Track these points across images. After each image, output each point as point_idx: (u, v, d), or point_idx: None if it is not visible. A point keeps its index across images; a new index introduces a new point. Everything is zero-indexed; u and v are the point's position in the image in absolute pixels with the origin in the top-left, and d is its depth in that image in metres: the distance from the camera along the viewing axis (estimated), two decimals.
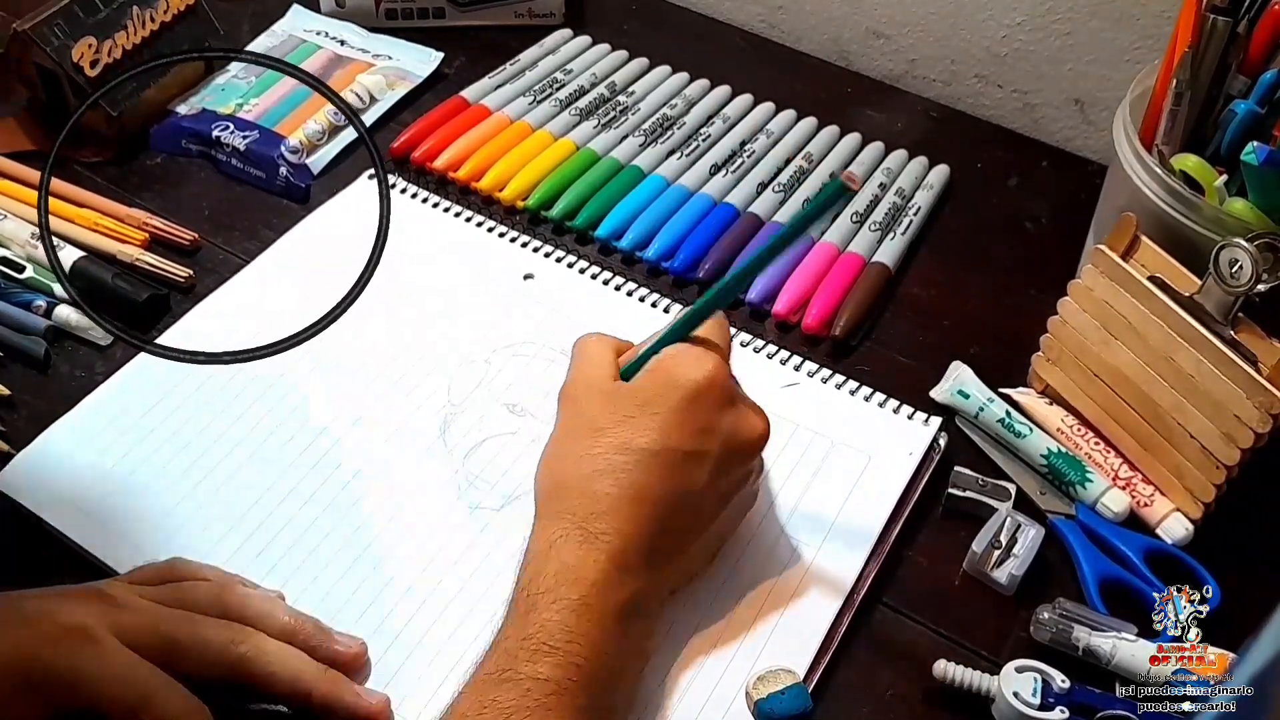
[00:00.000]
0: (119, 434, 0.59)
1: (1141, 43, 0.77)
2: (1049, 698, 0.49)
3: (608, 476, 0.47)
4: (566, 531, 0.46)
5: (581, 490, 0.47)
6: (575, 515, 0.47)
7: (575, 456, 0.48)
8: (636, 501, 0.47)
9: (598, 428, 0.48)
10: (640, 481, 0.47)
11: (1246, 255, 0.51)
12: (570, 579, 0.45)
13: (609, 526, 0.46)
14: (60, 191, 0.71)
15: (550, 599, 0.45)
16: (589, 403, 0.50)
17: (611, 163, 0.76)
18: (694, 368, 0.49)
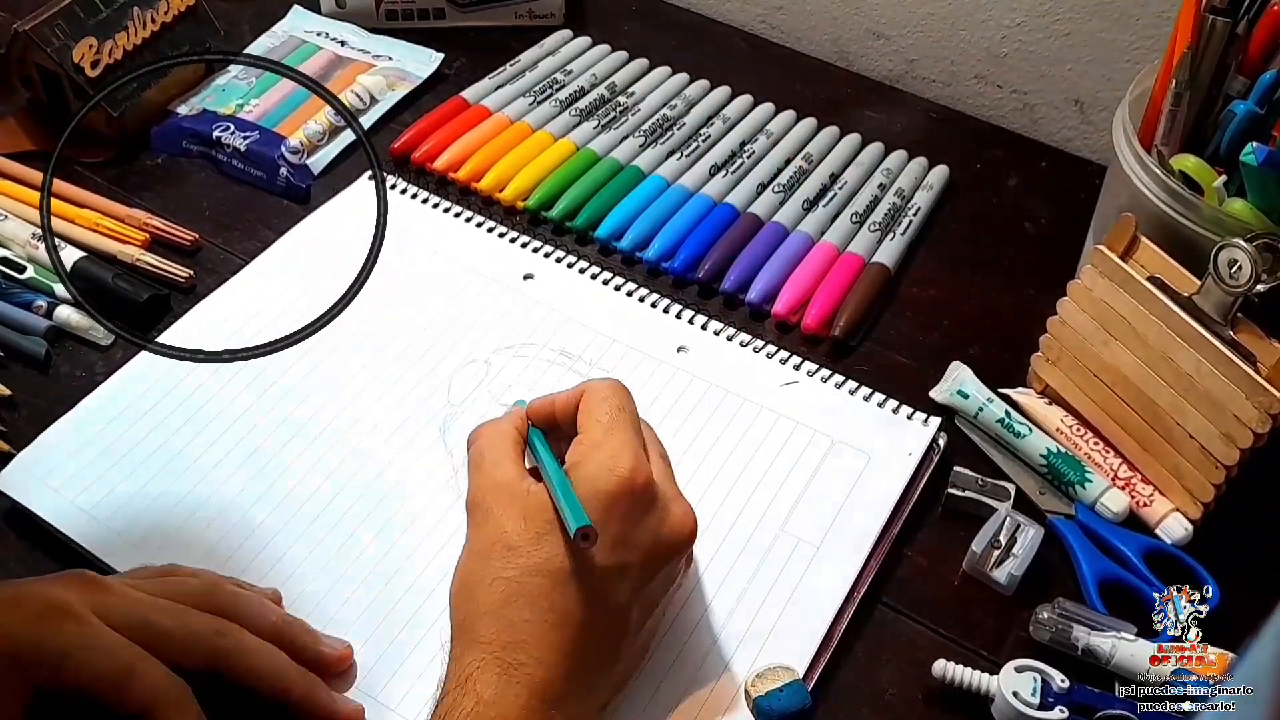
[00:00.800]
0: (119, 434, 0.59)
1: (1141, 43, 0.77)
2: (1048, 697, 0.49)
3: (524, 601, 0.44)
4: (483, 663, 0.43)
5: (496, 617, 0.44)
6: (492, 645, 0.43)
7: (489, 580, 0.44)
8: (558, 627, 0.44)
9: (510, 546, 0.45)
10: (559, 605, 0.44)
11: (1245, 255, 0.51)
12: (488, 716, 0.42)
13: (529, 656, 0.43)
14: (61, 192, 0.71)
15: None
16: (500, 514, 0.46)
17: (611, 163, 0.76)
18: (606, 476, 0.45)
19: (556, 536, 0.45)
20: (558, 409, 0.50)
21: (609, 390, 0.49)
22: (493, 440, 0.49)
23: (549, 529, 0.45)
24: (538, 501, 0.46)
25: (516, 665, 0.43)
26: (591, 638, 0.45)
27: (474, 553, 0.46)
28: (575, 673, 0.44)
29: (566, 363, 0.64)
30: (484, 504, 0.47)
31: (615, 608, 0.46)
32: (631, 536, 0.46)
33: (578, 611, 0.44)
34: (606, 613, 0.45)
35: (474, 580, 0.45)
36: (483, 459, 0.48)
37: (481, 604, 0.44)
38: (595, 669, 0.46)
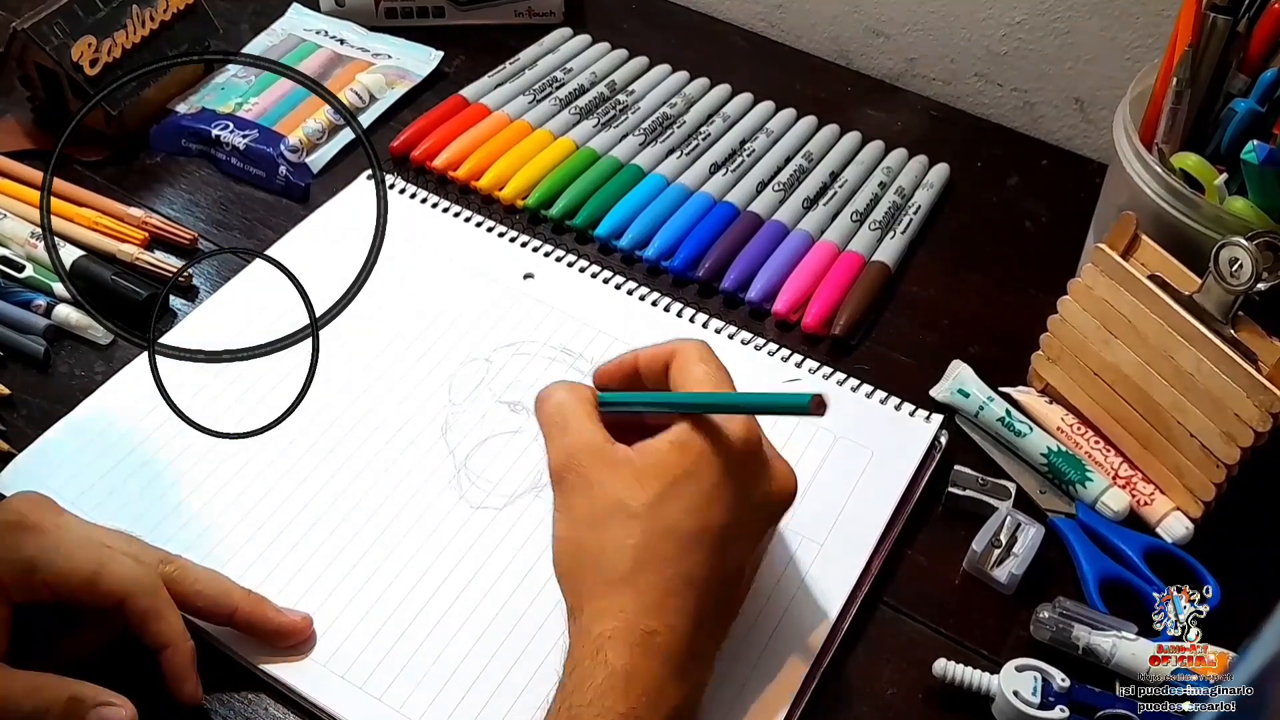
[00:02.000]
0: (120, 434, 0.59)
1: (1141, 41, 0.77)
2: (1049, 697, 0.49)
3: (653, 566, 0.43)
4: (615, 632, 0.42)
5: (626, 584, 0.43)
6: (624, 613, 0.43)
7: (612, 547, 0.44)
8: (684, 591, 0.43)
9: (627, 511, 0.44)
10: (688, 569, 0.43)
11: (1246, 254, 0.51)
12: (619, 689, 0.41)
13: (660, 623, 0.43)
14: (60, 191, 0.71)
15: (594, 711, 0.41)
16: (603, 478, 0.45)
17: (611, 162, 0.76)
18: (727, 435, 0.45)
19: (676, 499, 0.44)
20: (642, 365, 0.49)
21: (705, 351, 0.48)
22: (569, 403, 0.48)
23: (668, 492, 0.44)
24: (646, 464, 0.45)
25: (649, 633, 0.42)
26: (715, 599, 0.45)
27: (581, 520, 0.45)
28: (701, 636, 0.44)
29: (568, 360, 0.63)
30: (579, 469, 0.45)
31: (735, 567, 0.46)
32: (749, 496, 0.45)
33: (704, 573, 0.44)
34: (728, 572, 0.45)
35: (593, 549, 0.44)
36: (566, 421, 0.47)
37: (608, 572, 0.43)
38: (716, 629, 0.46)
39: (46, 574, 0.46)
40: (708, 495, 0.44)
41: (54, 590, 0.46)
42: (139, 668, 0.48)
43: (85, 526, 0.50)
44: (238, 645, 0.51)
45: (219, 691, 0.50)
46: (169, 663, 0.47)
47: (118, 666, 0.48)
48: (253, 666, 0.51)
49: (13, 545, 0.46)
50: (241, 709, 0.50)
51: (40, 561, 0.46)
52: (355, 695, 0.50)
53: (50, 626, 0.48)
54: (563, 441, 0.47)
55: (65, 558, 0.47)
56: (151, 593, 0.47)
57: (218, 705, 0.50)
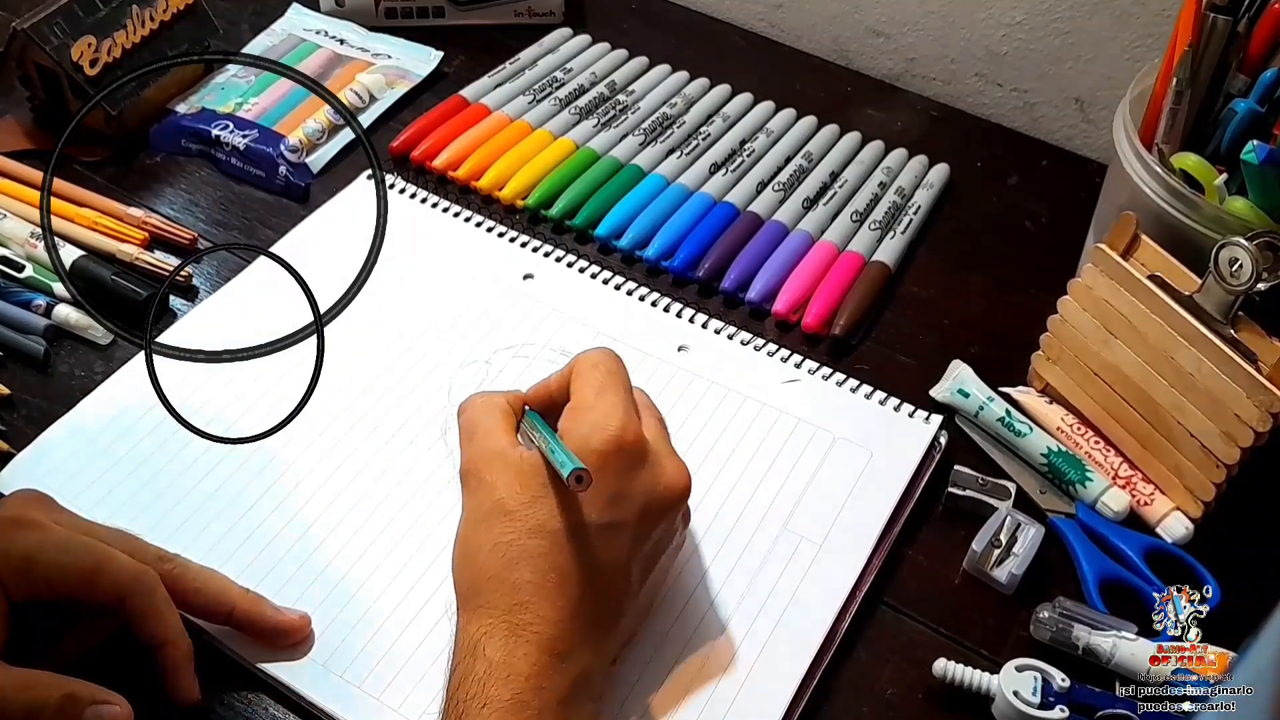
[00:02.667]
0: (119, 434, 0.59)
1: (1141, 41, 0.77)
2: (1049, 697, 0.49)
3: (525, 563, 0.44)
4: (490, 628, 0.44)
5: (500, 581, 0.44)
6: (497, 609, 0.44)
7: (488, 546, 0.45)
8: (560, 585, 0.44)
9: (506, 510, 0.45)
10: (560, 563, 0.45)
11: (1246, 254, 0.51)
12: (501, 677, 0.42)
13: (534, 615, 0.44)
14: (60, 191, 0.71)
15: (478, 704, 0.42)
16: (493, 480, 0.46)
17: (611, 162, 0.76)
18: (594, 434, 0.46)
19: (552, 498, 0.45)
20: (553, 387, 0.51)
21: (599, 357, 0.50)
22: (483, 410, 0.49)
23: (544, 491, 0.45)
24: (530, 465, 0.46)
25: (523, 625, 0.44)
26: (594, 594, 0.45)
27: (470, 521, 0.47)
28: (581, 628, 0.45)
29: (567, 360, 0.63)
30: (476, 472, 0.47)
31: (615, 564, 0.46)
32: (626, 492, 0.46)
33: (578, 569, 0.45)
34: (607, 569, 0.46)
35: (473, 548, 0.46)
36: (475, 428, 0.49)
37: (483, 570, 0.45)
38: (601, 624, 0.46)
39: (44, 570, 0.46)
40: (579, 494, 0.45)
41: (52, 587, 0.46)
42: (137, 666, 0.48)
43: (83, 524, 0.50)
44: (236, 644, 0.51)
45: (218, 691, 0.50)
46: (166, 661, 0.47)
47: (116, 664, 0.48)
48: (251, 666, 0.51)
49: (11, 541, 0.46)
50: (241, 708, 0.50)
51: (38, 558, 0.46)
52: (354, 694, 0.50)
53: (48, 624, 0.48)
54: (469, 448, 0.49)
55: (63, 554, 0.47)
56: (149, 591, 0.47)
57: (217, 705, 0.50)
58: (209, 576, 0.51)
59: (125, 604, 0.47)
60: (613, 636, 0.48)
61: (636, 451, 0.47)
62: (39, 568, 0.46)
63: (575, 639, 0.45)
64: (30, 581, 0.46)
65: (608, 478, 0.46)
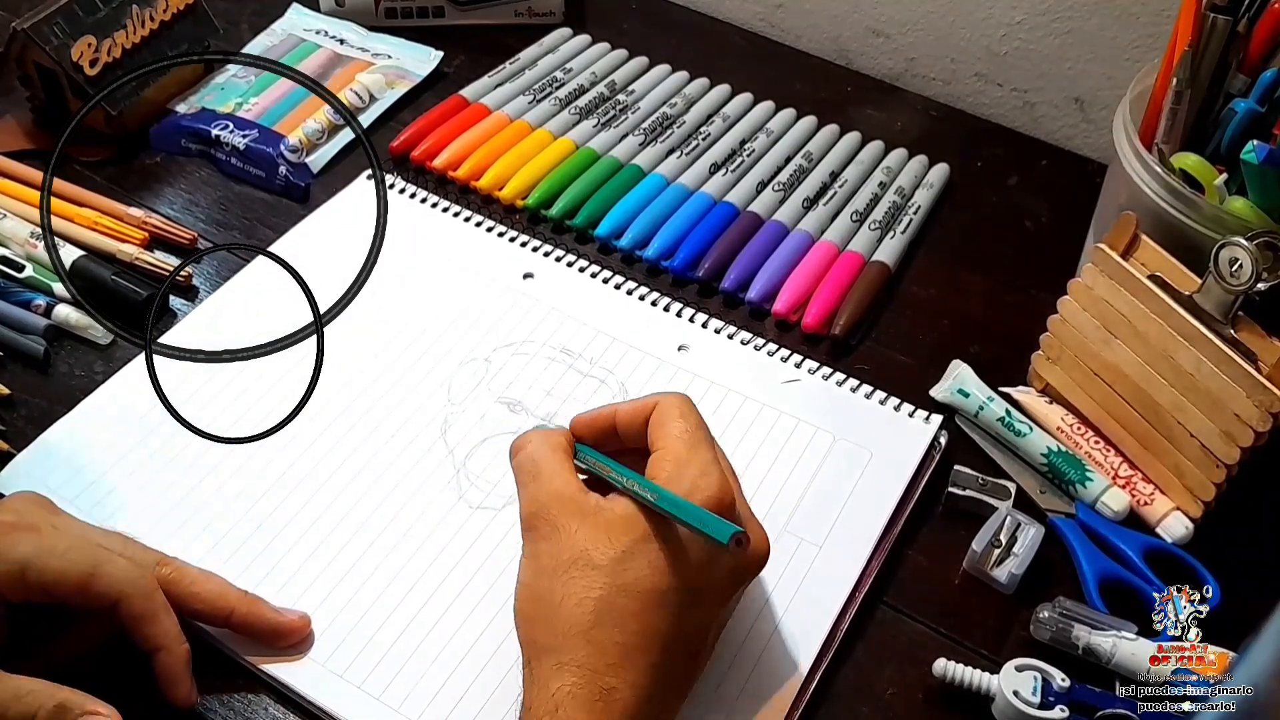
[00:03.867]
0: (119, 434, 0.59)
1: (1141, 41, 0.77)
2: (1049, 696, 0.49)
3: (613, 623, 0.42)
4: (574, 688, 0.42)
5: (587, 639, 0.42)
6: (583, 669, 0.42)
7: (573, 600, 0.43)
8: (647, 649, 0.43)
9: (594, 564, 0.43)
10: (650, 626, 0.43)
11: (1246, 254, 0.51)
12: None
13: (620, 681, 0.42)
14: (60, 191, 0.71)
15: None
16: (571, 529, 0.44)
17: (611, 161, 0.76)
18: (696, 493, 0.44)
19: (643, 555, 0.43)
20: (621, 421, 0.49)
21: (685, 406, 0.48)
22: (544, 451, 0.48)
23: (635, 548, 0.43)
24: (616, 517, 0.44)
25: (608, 690, 0.42)
26: (675, 659, 0.44)
27: (545, 570, 0.44)
28: (661, 693, 0.44)
29: (567, 360, 0.63)
30: (549, 517, 0.45)
31: (697, 629, 0.45)
32: (718, 556, 0.45)
33: (666, 633, 0.43)
34: (690, 634, 0.45)
35: (553, 599, 0.44)
36: (539, 470, 0.47)
37: (567, 624, 0.43)
38: (676, 689, 0.46)
39: (40, 574, 0.46)
40: (674, 554, 0.44)
41: (48, 591, 0.46)
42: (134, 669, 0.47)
43: (81, 527, 0.50)
44: (236, 644, 0.51)
45: (217, 691, 0.50)
46: (163, 665, 0.47)
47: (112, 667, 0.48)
48: (252, 666, 0.51)
49: (7, 545, 0.46)
50: (240, 708, 0.50)
51: (34, 562, 0.46)
52: (354, 694, 0.50)
53: (44, 628, 0.48)
54: (534, 489, 0.47)
55: (59, 558, 0.46)
56: (146, 595, 0.47)
57: (216, 705, 0.50)
58: (207, 579, 0.50)
59: (122, 608, 0.47)
60: (680, 700, 0.47)
61: (731, 517, 0.45)
62: (35, 572, 0.46)
63: (656, 706, 0.44)
64: (26, 586, 0.46)
65: (704, 543, 0.44)
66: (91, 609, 0.47)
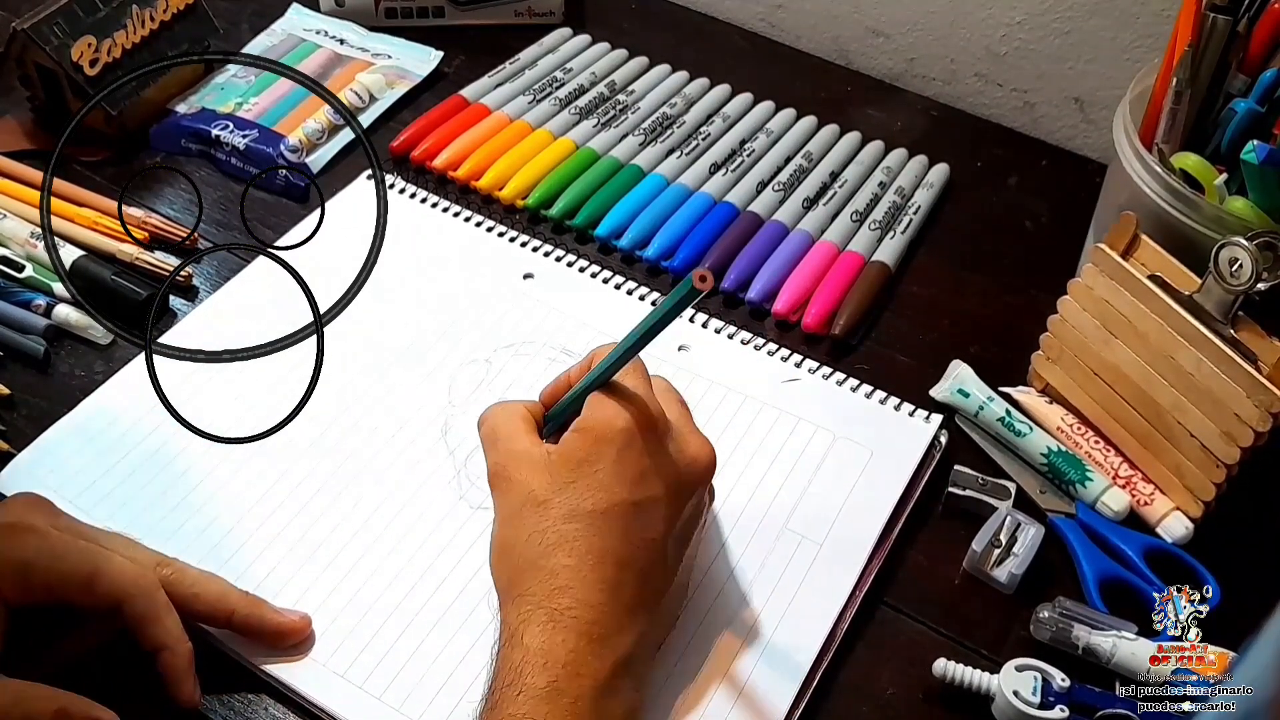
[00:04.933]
0: (119, 434, 0.59)
1: (1141, 41, 0.77)
2: (1049, 696, 0.49)
3: (561, 548, 0.45)
4: (528, 614, 0.44)
5: (538, 568, 0.45)
6: (535, 596, 0.44)
7: (524, 537, 0.45)
8: (598, 566, 0.44)
9: (539, 501, 0.46)
10: (597, 545, 0.45)
11: (1246, 254, 0.51)
12: (538, 664, 0.42)
13: (573, 599, 0.44)
14: (60, 191, 0.71)
15: (514, 691, 0.42)
16: (522, 477, 0.47)
17: (611, 162, 0.76)
18: (618, 415, 0.46)
19: (583, 482, 0.46)
20: (573, 378, 0.51)
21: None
22: (505, 417, 0.50)
23: (574, 476, 0.46)
24: (558, 456, 0.47)
25: (561, 610, 0.44)
26: (633, 573, 0.46)
27: (503, 519, 0.47)
28: (621, 611, 0.45)
29: (567, 360, 0.63)
30: (504, 473, 0.48)
31: (650, 541, 0.46)
32: (654, 468, 0.47)
33: (616, 548, 0.45)
34: (643, 546, 0.46)
35: (509, 542, 0.46)
36: (497, 435, 0.49)
37: (521, 560, 0.45)
38: (641, 605, 0.46)
39: (42, 576, 0.46)
40: (609, 474, 0.46)
41: (50, 592, 0.46)
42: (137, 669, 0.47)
43: (82, 528, 0.50)
44: (237, 645, 0.51)
45: (219, 691, 0.50)
46: (166, 665, 0.47)
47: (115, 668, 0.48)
48: (253, 666, 0.51)
49: (9, 546, 0.46)
50: (241, 709, 0.50)
51: (36, 563, 0.46)
52: (354, 694, 0.50)
53: (47, 629, 0.48)
54: (494, 453, 0.49)
55: (61, 559, 0.47)
56: (149, 595, 0.47)
57: (217, 705, 0.50)
58: (208, 580, 0.50)
59: (124, 609, 0.47)
60: (655, 619, 0.48)
61: (660, 428, 0.47)
62: (37, 574, 0.46)
63: (615, 622, 0.45)
64: (28, 587, 0.46)
65: (636, 455, 0.46)
66: (94, 610, 0.47)
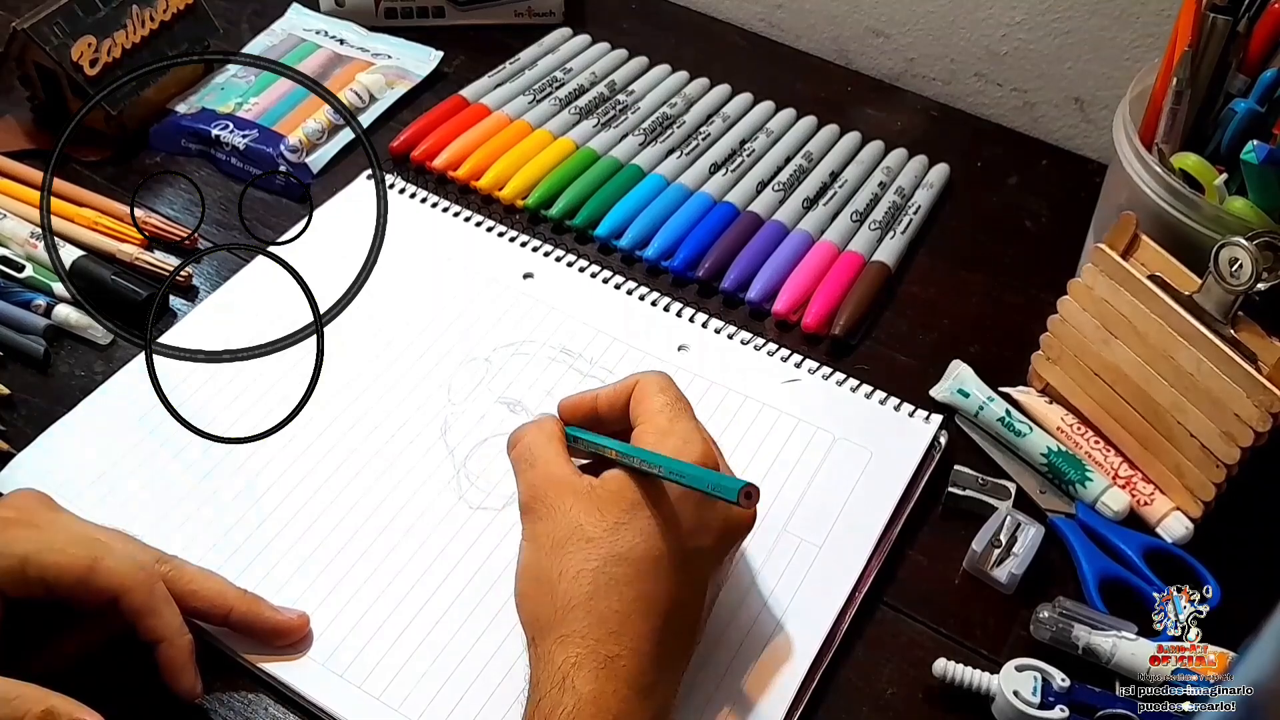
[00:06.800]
0: (119, 434, 0.59)
1: (1141, 41, 0.77)
2: (1049, 696, 0.49)
3: (611, 592, 0.44)
4: (579, 659, 0.43)
5: (587, 610, 0.44)
6: (585, 639, 0.43)
7: (571, 573, 0.44)
8: (646, 615, 0.44)
9: (588, 538, 0.45)
10: (646, 592, 0.44)
11: (1246, 254, 0.51)
12: (588, 713, 0.42)
13: (623, 648, 0.43)
14: (60, 191, 0.71)
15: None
16: (566, 508, 0.46)
17: (611, 161, 0.76)
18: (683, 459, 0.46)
19: (635, 525, 0.45)
20: (602, 403, 0.51)
21: (664, 382, 0.50)
22: (539, 439, 0.49)
23: (626, 517, 0.45)
24: (608, 492, 0.46)
25: (612, 657, 0.43)
26: (675, 622, 0.45)
27: (543, 549, 0.46)
28: (663, 657, 0.45)
29: (567, 360, 0.63)
30: (545, 500, 0.47)
31: (695, 591, 0.46)
32: (707, 520, 0.46)
33: (664, 597, 0.45)
34: (688, 598, 0.46)
35: (551, 575, 0.45)
36: (534, 457, 0.49)
37: (566, 598, 0.44)
38: (678, 651, 0.46)
39: (41, 569, 0.46)
40: (664, 520, 0.45)
41: (48, 585, 0.46)
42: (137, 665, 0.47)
43: (81, 524, 0.50)
44: (236, 643, 0.51)
45: (217, 690, 0.50)
46: (166, 657, 0.47)
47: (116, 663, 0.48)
48: (251, 665, 0.51)
49: (7, 540, 0.46)
50: (240, 708, 0.50)
51: (35, 557, 0.46)
52: (354, 694, 0.50)
53: (42, 629, 0.48)
54: (531, 476, 0.48)
55: (60, 553, 0.47)
56: (148, 588, 0.47)
57: (216, 704, 0.50)
58: (206, 578, 0.50)
59: (124, 601, 0.47)
60: (684, 661, 0.47)
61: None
62: (35, 567, 0.46)
63: (658, 672, 0.44)
64: (27, 581, 0.46)
65: (691, 506, 0.46)
66: (92, 604, 0.47)
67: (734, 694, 0.50)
